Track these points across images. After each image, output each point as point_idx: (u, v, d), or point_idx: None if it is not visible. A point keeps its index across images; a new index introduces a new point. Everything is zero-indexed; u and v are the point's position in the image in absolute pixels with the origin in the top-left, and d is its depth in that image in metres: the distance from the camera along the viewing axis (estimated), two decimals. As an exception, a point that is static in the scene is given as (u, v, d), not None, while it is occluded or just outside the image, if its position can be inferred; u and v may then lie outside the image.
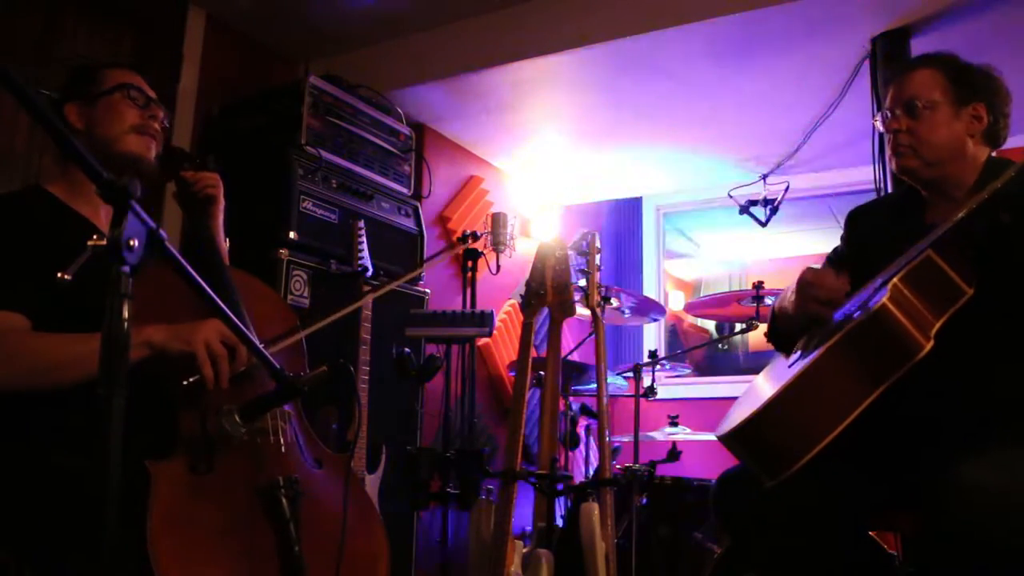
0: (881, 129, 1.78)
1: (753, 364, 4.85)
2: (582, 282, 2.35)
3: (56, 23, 2.86)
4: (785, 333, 1.75)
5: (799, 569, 1.63)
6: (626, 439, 3.47)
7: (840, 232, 1.93)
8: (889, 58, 3.00)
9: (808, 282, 1.63)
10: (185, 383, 1.43)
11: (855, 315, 1.46)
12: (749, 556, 1.84)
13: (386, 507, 2.30)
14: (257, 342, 1.27)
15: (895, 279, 1.44)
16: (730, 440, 1.52)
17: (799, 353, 1.64)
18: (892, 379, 1.39)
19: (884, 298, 1.40)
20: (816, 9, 2.90)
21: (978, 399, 1.51)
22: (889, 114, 1.69)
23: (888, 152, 1.73)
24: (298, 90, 2.99)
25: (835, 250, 1.90)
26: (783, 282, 1.98)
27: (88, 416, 1.40)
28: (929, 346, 1.38)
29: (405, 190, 3.38)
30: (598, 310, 2.33)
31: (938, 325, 1.40)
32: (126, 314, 0.88)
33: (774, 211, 4.27)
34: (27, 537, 1.40)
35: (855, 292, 1.63)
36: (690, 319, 5.19)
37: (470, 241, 3.20)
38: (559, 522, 2.87)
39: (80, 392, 1.35)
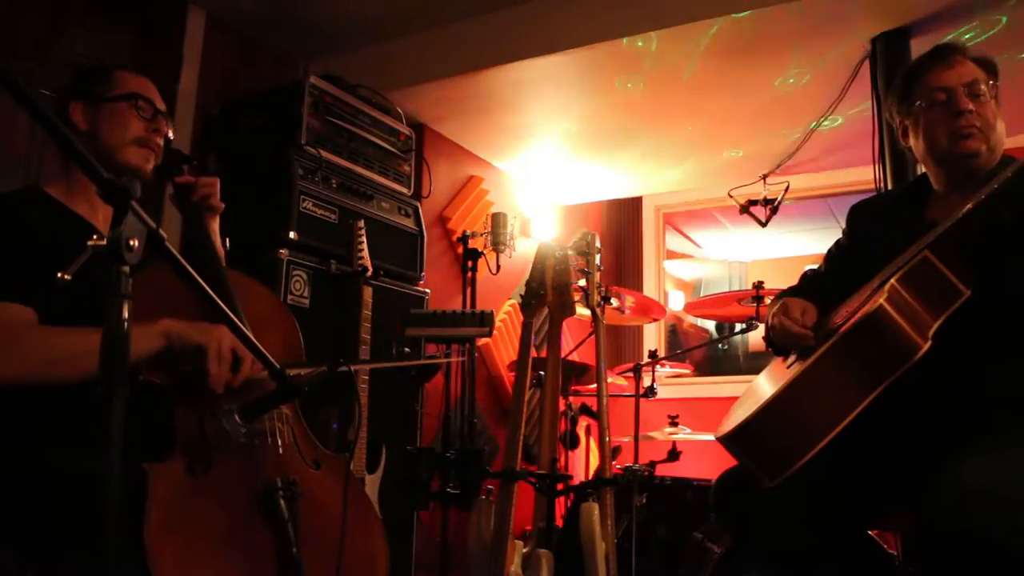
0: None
1: (753, 364, 4.86)
2: (582, 282, 2.35)
3: (56, 23, 2.86)
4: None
5: (799, 569, 1.63)
6: (626, 439, 3.47)
7: (840, 231, 1.92)
8: (889, 58, 3.00)
9: (780, 321, 1.63)
10: (183, 368, 1.42)
11: (851, 317, 1.46)
12: (749, 556, 1.84)
13: (386, 507, 2.30)
14: (256, 342, 1.27)
15: (892, 280, 1.44)
16: (729, 441, 1.52)
17: (797, 354, 1.64)
18: (890, 380, 1.39)
19: (881, 299, 1.40)
20: (816, 9, 2.90)
21: (976, 398, 1.51)
22: (944, 95, 1.61)
23: (937, 135, 1.63)
24: (298, 90, 2.99)
25: (836, 243, 1.89)
26: (783, 282, 1.98)
27: (88, 416, 1.40)
28: (927, 347, 1.38)
29: (405, 190, 3.38)
30: (598, 310, 2.33)
31: (936, 326, 1.41)
32: (126, 314, 0.88)
33: (774, 211, 4.28)
34: (29, 538, 1.40)
35: (854, 291, 1.63)
36: (690, 319, 5.19)
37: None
38: (559, 522, 2.87)
39: (81, 391, 1.35)
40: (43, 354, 1.44)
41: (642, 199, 5.28)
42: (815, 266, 1.93)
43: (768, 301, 3.24)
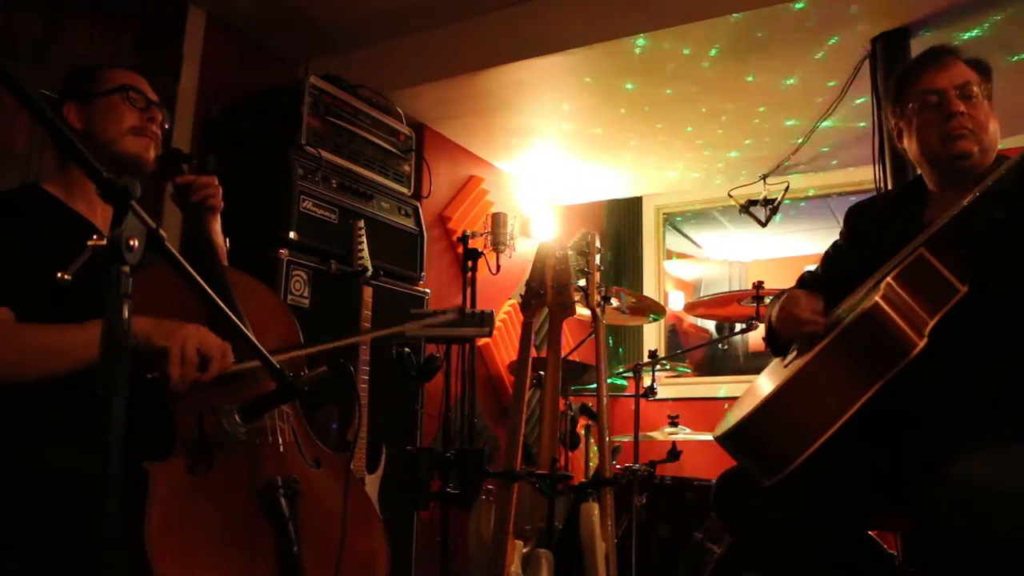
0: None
1: (753, 364, 4.86)
2: (582, 282, 2.35)
3: (56, 23, 2.86)
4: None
5: (799, 569, 1.63)
6: (626, 439, 3.47)
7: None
8: (889, 58, 3.00)
9: (789, 311, 1.62)
10: (149, 376, 1.40)
11: (849, 315, 1.46)
12: (749, 556, 1.84)
13: (386, 507, 2.30)
14: (256, 342, 1.27)
15: (888, 278, 1.44)
16: (726, 441, 1.52)
17: (795, 353, 1.64)
18: (886, 377, 1.39)
19: (877, 297, 1.40)
20: (816, 9, 2.90)
21: (972, 395, 1.51)
22: (936, 98, 1.62)
23: (929, 137, 1.64)
24: (298, 90, 2.99)
25: (834, 245, 1.89)
26: (783, 282, 1.98)
27: (88, 416, 1.40)
28: (922, 344, 1.38)
29: (405, 190, 3.38)
30: (598, 310, 2.33)
31: (932, 323, 1.41)
32: (126, 314, 0.88)
33: (774, 211, 4.28)
34: (27, 538, 1.40)
35: (851, 291, 1.63)
36: (690, 319, 5.20)
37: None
38: (559, 522, 2.87)
39: (80, 392, 1.35)
40: (15, 352, 1.44)
41: (642, 199, 5.28)
42: (813, 267, 1.93)
43: (768, 301, 3.24)
